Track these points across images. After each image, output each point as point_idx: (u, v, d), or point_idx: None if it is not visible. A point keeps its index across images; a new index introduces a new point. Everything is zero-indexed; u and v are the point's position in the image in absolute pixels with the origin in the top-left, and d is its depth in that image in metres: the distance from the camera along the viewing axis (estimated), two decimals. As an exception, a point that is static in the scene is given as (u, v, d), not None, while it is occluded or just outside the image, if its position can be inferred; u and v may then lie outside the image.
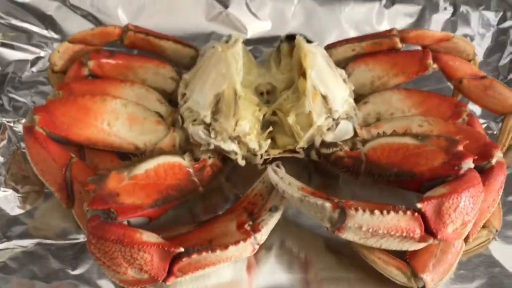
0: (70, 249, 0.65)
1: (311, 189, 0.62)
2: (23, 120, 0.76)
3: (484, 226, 0.65)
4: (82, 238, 0.66)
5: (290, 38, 0.75)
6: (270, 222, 0.60)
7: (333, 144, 0.68)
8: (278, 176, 0.63)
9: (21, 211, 0.69)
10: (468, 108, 0.72)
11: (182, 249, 0.56)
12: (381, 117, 0.74)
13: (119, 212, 0.58)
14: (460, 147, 0.61)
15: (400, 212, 0.56)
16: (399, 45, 0.77)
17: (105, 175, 0.60)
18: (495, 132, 0.79)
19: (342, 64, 0.79)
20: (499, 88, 0.74)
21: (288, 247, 0.67)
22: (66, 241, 0.66)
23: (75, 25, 0.90)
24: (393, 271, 0.61)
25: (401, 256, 0.61)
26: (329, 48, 0.79)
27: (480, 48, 0.89)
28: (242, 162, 0.67)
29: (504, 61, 0.88)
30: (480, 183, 0.59)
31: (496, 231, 0.66)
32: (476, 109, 0.81)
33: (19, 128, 0.79)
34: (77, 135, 0.67)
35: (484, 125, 0.79)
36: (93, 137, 0.68)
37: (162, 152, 0.66)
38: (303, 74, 0.69)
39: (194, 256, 0.56)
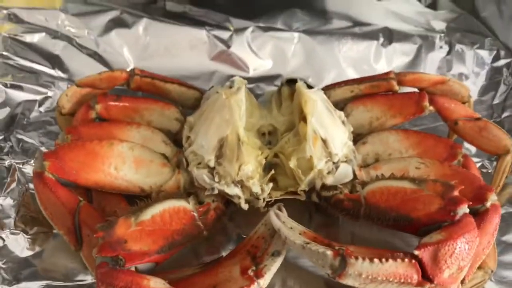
0: (78, 292, 0.67)
1: (313, 233, 0.64)
2: (32, 161, 0.79)
3: (479, 267, 0.66)
4: (89, 279, 0.68)
5: (291, 82, 0.78)
6: (273, 267, 0.62)
7: (333, 187, 0.70)
8: (280, 220, 0.65)
9: (30, 252, 0.71)
10: (463, 149, 0.75)
11: (188, 295, 0.57)
12: (379, 157, 0.77)
13: (127, 259, 0.59)
14: (456, 192, 0.63)
15: (398, 260, 0.58)
16: (396, 87, 0.80)
17: (113, 221, 0.62)
18: (489, 171, 0.82)
19: (340, 104, 0.81)
20: (493, 130, 0.76)
21: (290, 287, 0.69)
22: (73, 282, 0.67)
23: (82, 64, 0.93)
24: (392, 314, 0.63)
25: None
26: (328, 89, 0.82)
27: (474, 86, 0.92)
28: (245, 206, 0.69)
29: (498, 99, 0.91)
30: (475, 228, 0.61)
31: (492, 271, 0.68)
32: (471, 148, 0.83)
33: (27, 169, 0.81)
34: (85, 179, 0.69)
35: (479, 164, 0.82)
36: (101, 181, 0.70)
37: (167, 196, 0.68)
38: (303, 118, 0.71)
39: (200, 302, 0.57)
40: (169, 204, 0.65)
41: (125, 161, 0.71)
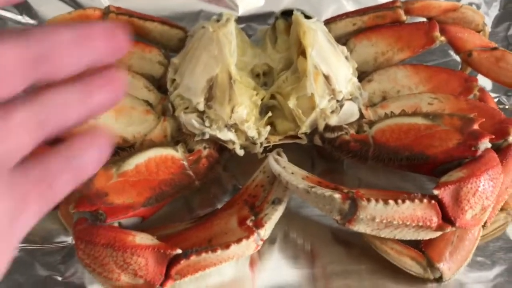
0: (57, 254, 0.60)
1: (317, 178, 0.58)
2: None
3: (501, 209, 0.61)
4: (70, 240, 0.61)
5: (287, 14, 0.70)
6: (274, 216, 0.56)
7: (338, 128, 0.63)
8: (280, 165, 0.58)
9: (3, 214, 0.64)
10: (479, 83, 0.68)
11: (179, 251, 0.51)
12: (387, 95, 0.69)
13: (108, 213, 0.53)
14: (476, 126, 0.57)
15: (416, 201, 0.51)
16: (403, 17, 0.72)
17: (91, 173, 0.55)
18: (506, 107, 0.75)
19: (342, 40, 0.73)
20: (511, 60, 0.69)
21: (293, 240, 0.63)
22: (52, 244, 0.61)
23: (52, 9, 0.83)
24: (408, 262, 0.57)
25: (416, 245, 0.57)
26: (328, 23, 0.73)
27: (487, 17, 0.84)
28: (240, 152, 0.62)
29: (513, 30, 0.83)
30: (499, 164, 0.54)
31: (515, 213, 0.62)
32: (486, 82, 0.76)
33: None
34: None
35: (496, 99, 0.75)
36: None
37: (152, 144, 0.61)
38: (302, 53, 0.63)
39: (193, 257, 0.51)
40: (155, 152, 0.58)
41: (103, 108, 0.63)
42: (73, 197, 0.54)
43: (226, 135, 0.61)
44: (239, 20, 0.68)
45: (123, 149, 0.60)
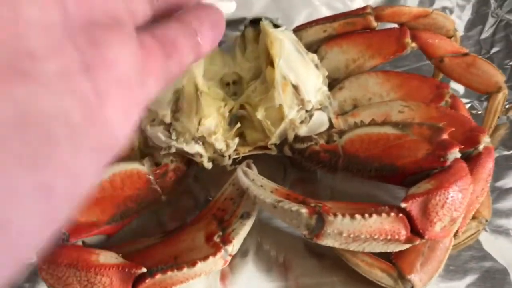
0: (24, 271, 0.59)
1: (286, 190, 0.57)
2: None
3: (473, 217, 0.60)
4: (35, 258, 0.60)
5: (255, 22, 0.68)
6: (242, 231, 0.55)
7: (308, 138, 0.62)
8: (249, 178, 0.57)
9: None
10: (450, 89, 0.67)
11: (144, 270, 0.50)
12: (358, 103, 0.69)
13: (71, 232, 0.52)
14: (445, 136, 0.56)
15: (383, 214, 0.51)
16: (374, 24, 0.71)
17: (54, 190, 0.54)
18: (479, 112, 0.75)
19: (313, 47, 0.72)
20: (482, 66, 0.68)
21: (266, 252, 0.62)
22: (18, 262, 0.60)
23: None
24: (378, 274, 0.57)
25: (386, 256, 0.57)
26: (298, 30, 0.73)
27: (460, 21, 0.83)
28: (208, 165, 0.61)
29: (486, 34, 0.83)
30: (468, 174, 0.54)
31: (486, 221, 0.62)
32: (459, 88, 0.76)
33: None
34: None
35: (468, 105, 0.74)
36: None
37: (119, 158, 0.60)
38: (271, 62, 0.62)
39: (158, 276, 0.50)
40: (119, 168, 0.57)
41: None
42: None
43: (193, 148, 0.60)
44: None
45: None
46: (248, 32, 0.69)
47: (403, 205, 0.51)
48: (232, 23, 0.86)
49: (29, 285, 0.58)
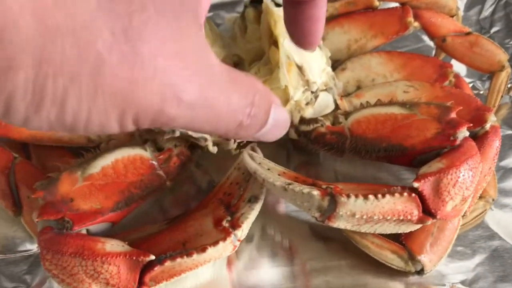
0: (22, 263, 0.57)
1: (294, 173, 0.56)
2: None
3: (480, 197, 0.60)
4: (35, 248, 0.58)
5: (256, 1, 0.67)
6: (251, 215, 0.53)
7: (313, 120, 0.61)
8: (256, 161, 0.56)
9: (-41, 223, 0.60)
10: (454, 68, 0.66)
11: (153, 257, 0.49)
12: (361, 84, 0.67)
13: (75, 220, 0.50)
14: (453, 115, 0.55)
15: (396, 194, 0.50)
16: (376, 3, 0.70)
17: (55, 178, 0.52)
18: (481, 92, 0.74)
19: (314, 27, 0.71)
20: (485, 45, 0.68)
21: (271, 237, 0.61)
22: (16, 254, 0.58)
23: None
24: (388, 256, 0.56)
25: (396, 238, 0.56)
26: (299, 10, 0.71)
27: (459, 0, 0.82)
28: (213, 149, 0.60)
29: (485, 13, 0.82)
30: (478, 153, 0.53)
31: (493, 200, 0.61)
32: (460, 68, 0.75)
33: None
34: (18, 132, 0.58)
35: (470, 85, 0.74)
36: (38, 133, 0.58)
37: (119, 143, 0.58)
38: (274, 43, 0.61)
39: (168, 263, 0.49)
40: (122, 153, 0.55)
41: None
42: (36, 203, 0.51)
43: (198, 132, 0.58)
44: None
45: (88, 150, 0.56)
46: (248, 13, 0.68)
47: (415, 184, 0.50)
48: (228, 5, 0.84)
49: (30, 277, 0.56)
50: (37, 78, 0.26)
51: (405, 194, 0.50)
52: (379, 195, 0.49)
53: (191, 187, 0.65)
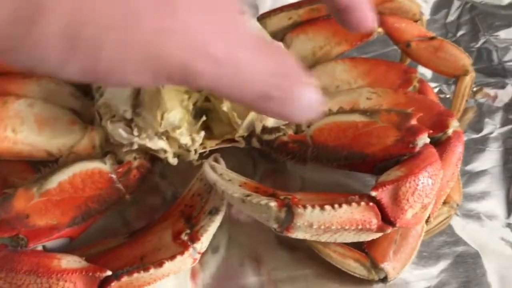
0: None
1: (255, 183, 0.55)
2: None
3: (444, 202, 0.60)
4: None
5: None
6: (211, 228, 0.53)
7: (276, 129, 0.60)
8: (217, 172, 0.55)
9: None
10: (418, 73, 0.66)
11: (109, 272, 0.48)
12: (326, 91, 0.67)
13: (30, 237, 0.49)
14: (413, 121, 0.55)
15: (353, 204, 0.49)
16: (339, 9, 0.69)
17: (11, 194, 0.51)
18: (447, 96, 0.74)
19: (279, 35, 0.71)
20: (449, 49, 0.68)
21: (237, 246, 0.60)
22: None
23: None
24: (351, 264, 0.56)
25: (359, 246, 0.56)
26: (262, 18, 0.71)
27: (425, 4, 0.83)
28: (173, 161, 0.59)
29: (451, 17, 0.82)
30: (438, 159, 0.53)
31: (457, 205, 0.61)
32: (426, 72, 0.75)
33: None
34: (-24, 147, 0.57)
35: (436, 89, 0.74)
36: (-5, 148, 0.58)
37: (78, 158, 0.57)
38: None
39: (125, 278, 0.48)
40: (80, 167, 0.55)
41: (23, 121, 0.58)
42: (-8, 220, 0.50)
43: (157, 144, 0.57)
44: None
45: (47, 165, 0.56)
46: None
47: (373, 193, 0.50)
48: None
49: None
50: (69, 25, 0.26)
51: (363, 203, 0.50)
52: (336, 205, 0.49)
53: (155, 199, 0.64)
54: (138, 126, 0.57)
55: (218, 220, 0.54)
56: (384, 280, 0.56)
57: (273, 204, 0.50)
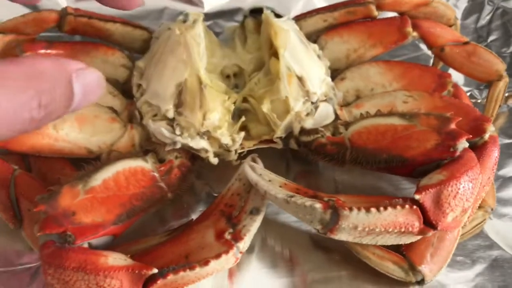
0: (24, 275, 0.56)
1: (295, 185, 0.56)
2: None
3: (479, 207, 0.60)
4: (36, 261, 0.57)
5: (256, 12, 0.67)
6: (253, 227, 0.53)
7: (314, 131, 0.61)
8: (257, 173, 0.56)
9: (-40, 235, 0.60)
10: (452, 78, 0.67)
11: (155, 270, 0.48)
12: (360, 94, 0.68)
13: (77, 234, 0.50)
14: (453, 125, 0.56)
15: (398, 207, 0.50)
16: (375, 13, 0.70)
17: (56, 191, 0.51)
18: (479, 101, 0.75)
19: (313, 37, 0.71)
20: (483, 54, 0.68)
21: (271, 247, 0.61)
22: (16, 267, 0.57)
23: (4, 11, 0.77)
24: (390, 266, 0.56)
25: (396, 248, 0.56)
26: (297, 20, 0.71)
27: (456, 9, 0.83)
28: (214, 161, 0.60)
29: (482, 21, 0.82)
30: (477, 164, 0.54)
31: (491, 209, 0.62)
32: (458, 77, 0.75)
33: None
34: (19, 144, 0.57)
35: (468, 94, 0.74)
36: (38, 145, 0.58)
37: (120, 155, 0.58)
38: (274, 54, 0.61)
39: (170, 276, 0.49)
40: (123, 165, 0.55)
41: (65, 119, 0.59)
42: (37, 216, 0.51)
43: (199, 144, 0.58)
44: (205, 16, 0.64)
45: (88, 162, 0.56)
46: (248, 23, 0.68)
47: (416, 196, 0.50)
48: (227, 13, 0.84)
49: (29, 291, 0.56)
50: None
51: (407, 206, 0.50)
52: (381, 208, 0.49)
53: (190, 198, 0.65)
54: (180, 125, 0.58)
55: (259, 220, 0.55)
56: (421, 282, 0.56)
57: (318, 205, 0.50)
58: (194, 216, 0.61)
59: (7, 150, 0.58)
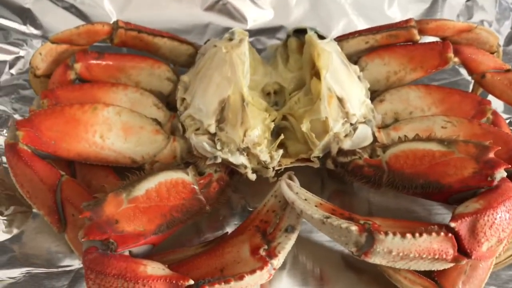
0: (64, 278, 0.59)
1: (330, 205, 0.57)
2: (4, 132, 0.69)
3: (513, 237, 0.60)
4: (77, 264, 0.60)
5: (299, 32, 0.68)
6: (287, 245, 0.54)
7: (351, 152, 0.62)
8: (293, 191, 0.57)
9: (7, 236, 0.62)
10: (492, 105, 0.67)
11: (191, 282, 0.50)
12: (399, 116, 0.68)
13: (119, 242, 0.52)
14: (491, 154, 0.56)
15: (433, 234, 0.50)
16: (417, 37, 0.71)
17: (101, 199, 0.54)
18: (519, 128, 0.74)
19: (353, 58, 0.72)
20: (525, 83, 0.68)
21: (302, 264, 0.62)
22: (58, 268, 0.60)
23: (57, 19, 0.81)
24: (420, 291, 0.56)
25: (428, 274, 0.56)
26: (340, 40, 0.72)
27: (499, 35, 0.83)
28: (252, 177, 0.61)
29: (525, 49, 0.82)
30: (515, 194, 0.53)
31: (527, 240, 0.61)
32: (497, 103, 0.75)
33: (0, 141, 0.71)
34: (67, 151, 0.60)
35: (507, 121, 0.74)
36: (85, 152, 0.61)
37: (162, 167, 0.60)
38: (316, 74, 0.62)
39: (206, 288, 0.50)
40: (165, 176, 0.57)
41: (111, 128, 0.62)
42: (82, 222, 0.53)
43: (238, 159, 0.59)
44: (248, 33, 0.66)
45: (131, 171, 0.58)
46: (291, 42, 0.69)
47: (452, 224, 0.51)
48: (269, 31, 0.86)
49: (70, 292, 0.58)
50: None
51: (442, 233, 0.50)
52: (417, 234, 0.50)
53: (226, 211, 0.66)
54: (221, 140, 0.60)
55: (294, 238, 0.56)
56: (452, 309, 0.56)
57: (354, 228, 0.51)
58: (228, 229, 0.63)
59: (55, 156, 0.61)
